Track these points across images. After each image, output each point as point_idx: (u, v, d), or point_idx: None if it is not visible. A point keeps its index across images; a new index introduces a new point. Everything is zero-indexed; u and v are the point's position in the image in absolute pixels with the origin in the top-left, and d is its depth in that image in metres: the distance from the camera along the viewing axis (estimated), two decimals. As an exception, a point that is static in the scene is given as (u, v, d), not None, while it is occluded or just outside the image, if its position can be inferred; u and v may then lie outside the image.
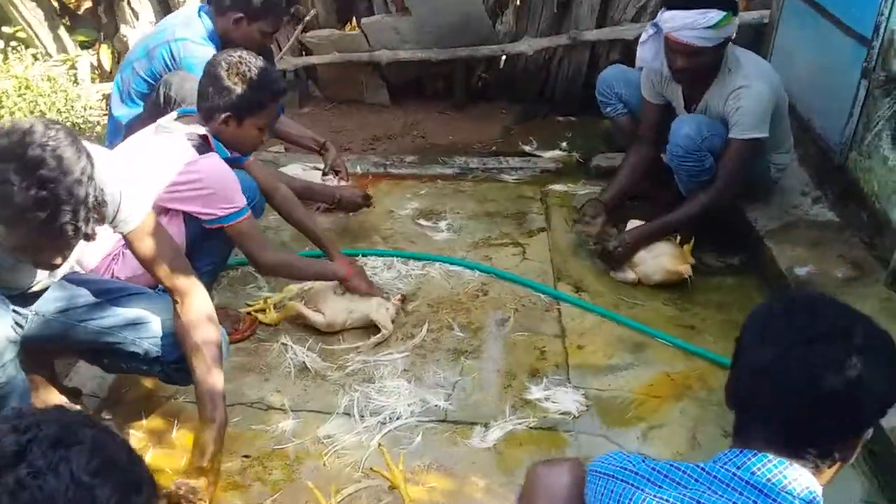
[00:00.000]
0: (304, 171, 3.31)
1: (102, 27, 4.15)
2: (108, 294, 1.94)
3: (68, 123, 3.65)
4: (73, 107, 3.61)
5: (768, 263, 2.83)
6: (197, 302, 1.87)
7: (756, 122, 2.69)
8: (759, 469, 1.07)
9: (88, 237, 1.51)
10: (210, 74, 2.25)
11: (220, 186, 2.18)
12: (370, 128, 4.21)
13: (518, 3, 4.17)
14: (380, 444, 2.05)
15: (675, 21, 2.57)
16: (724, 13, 2.51)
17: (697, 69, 2.69)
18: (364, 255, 2.96)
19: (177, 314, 1.86)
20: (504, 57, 4.38)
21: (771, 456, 1.08)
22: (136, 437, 2.10)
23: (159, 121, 2.30)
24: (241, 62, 2.24)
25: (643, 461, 1.16)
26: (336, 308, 2.50)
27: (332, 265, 2.59)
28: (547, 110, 4.45)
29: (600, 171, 3.65)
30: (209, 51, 2.76)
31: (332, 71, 4.31)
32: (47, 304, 1.88)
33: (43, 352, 2.05)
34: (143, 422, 2.16)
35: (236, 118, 2.26)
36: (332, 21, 4.17)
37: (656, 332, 2.56)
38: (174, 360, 1.92)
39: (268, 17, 2.85)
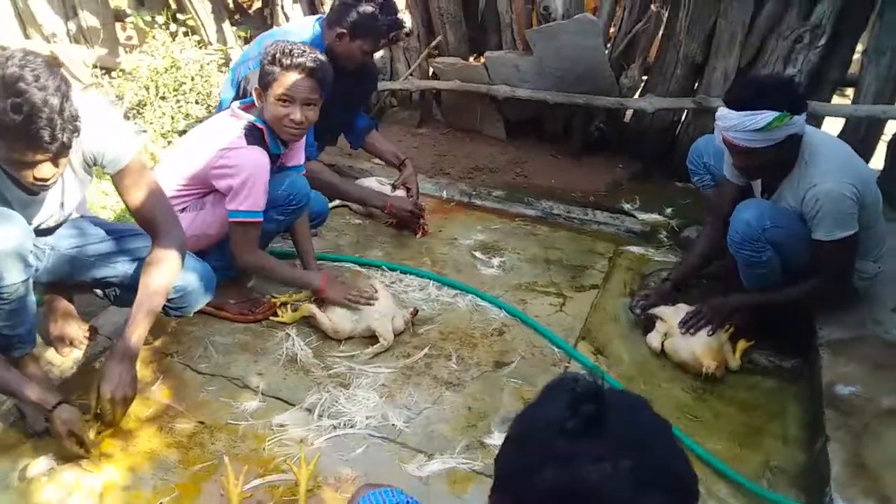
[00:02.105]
0: (382, 185, 3.46)
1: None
2: (115, 234, 2.20)
3: (204, 105, 4.10)
4: (210, 92, 4.04)
5: (815, 374, 2.55)
6: (164, 263, 2.07)
7: (839, 223, 2.45)
8: None
9: (65, 146, 1.72)
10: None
11: (250, 176, 2.37)
12: (476, 158, 4.29)
13: (648, 59, 4.08)
14: (301, 441, 2.12)
15: (725, 120, 2.42)
16: (779, 114, 2.31)
17: (755, 168, 2.53)
18: (403, 272, 3.05)
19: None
20: (632, 112, 4.31)
21: None
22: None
23: (233, 104, 2.55)
24: (279, 47, 2.42)
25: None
26: (342, 316, 2.60)
27: (308, 275, 2.68)
28: (666, 173, 4.29)
29: (688, 242, 3.46)
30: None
31: (454, 98, 4.45)
32: (62, 241, 2.16)
33: (63, 284, 2.34)
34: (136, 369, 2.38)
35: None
36: (461, 50, 4.32)
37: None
38: None
39: (368, 37, 3.03)
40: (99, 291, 2.32)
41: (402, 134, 4.50)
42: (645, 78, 4.20)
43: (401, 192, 3.38)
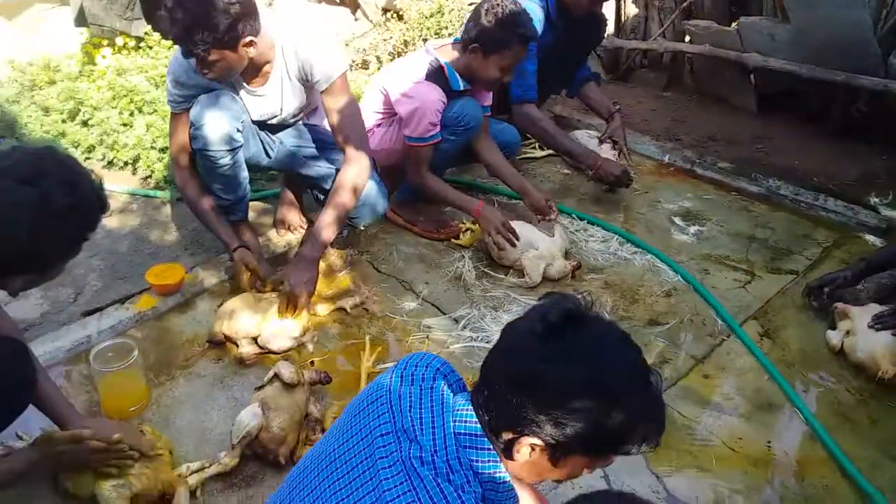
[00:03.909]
0: (589, 138, 3.54)
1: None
2: (325, 146, 2.62)
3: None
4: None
5: None
6: (352, 167, 2.44)
7: None
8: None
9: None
10: (475, 10, 2.70)
11: (419, 109, 2.66)
12: (716, 127, 4.12)
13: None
14: (428, 337, 2.38)
15: None
16: None
17: None
18: (590, 222, 3.15)
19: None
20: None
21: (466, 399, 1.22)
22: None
23: (429, 42, 2.84)
24: (500, 5, 2.63)
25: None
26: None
27: (469, 200, 2.82)
28: (940, 171, 3.76)
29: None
30: (530, 5, 3.15)
31: (706, 63, 4.29)
32: (287, 138, 2.64)
33: (292, 177, 2.83)
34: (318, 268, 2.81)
35: (482, 50, 2.67)
36: (719, 13, 4.13)
37: (798, 400, 2.27)
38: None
39: None
40: (316, 193, 2.76)
41: (644, 95, 4.47)
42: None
43: (607, 146, 3.41)
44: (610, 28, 4.66)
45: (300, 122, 2.66)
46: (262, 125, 2.56)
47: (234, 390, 2.19)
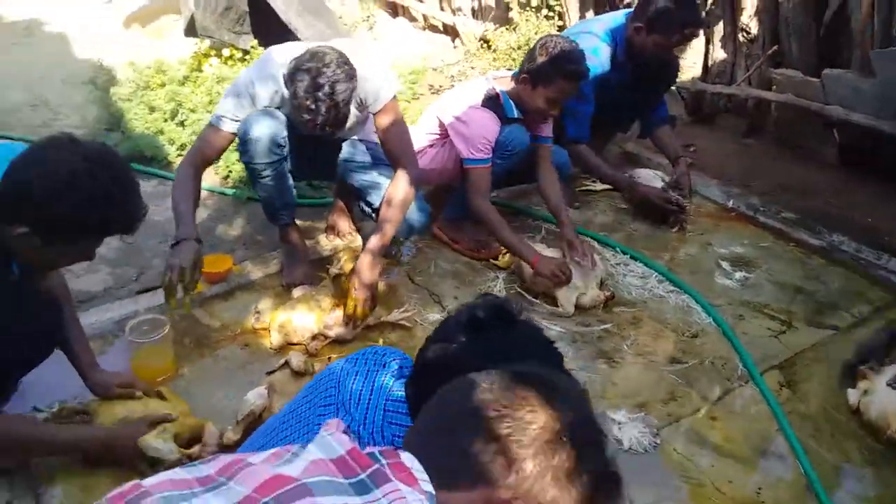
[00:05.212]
0: (654, 176, 3.57)
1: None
2: (375, 160, 2.81)
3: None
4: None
5: None
6: (400, 182, 2.60)
7: None
8: None
9: (325, 125, 2.35)
10: (532, 46, 2.85)
11: (473, 132, 2.82)
12: (791, 177, 4.01)
13: None
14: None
15: None
16: None
17: None
18: (632, 257, 3.19)
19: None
20: None
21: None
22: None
23: (489, 72, 3.00)
24: (553, 42, 2.78)
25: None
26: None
27: (526, 246, 2.86)
28: None
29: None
30: (598, 45, 3.27)
31: (790, 112, 4.21)
32: (342, 150, 2.84)
33: (347, 191, 3.04)
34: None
35: (531, 82, 2.82)
36: (807, 63, 4.04)
37: (801, 450, 2.24)
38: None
39: (662, 32, 3.20)
40: (362, 205, 2.94)
41: (724, 140, 4.42)
42: None
43: (672, 192, 3.43)
44: (696, 70, 4.67)
45: (354, 137, 2.87)
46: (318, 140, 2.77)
47: (253, 374, 2.39)
